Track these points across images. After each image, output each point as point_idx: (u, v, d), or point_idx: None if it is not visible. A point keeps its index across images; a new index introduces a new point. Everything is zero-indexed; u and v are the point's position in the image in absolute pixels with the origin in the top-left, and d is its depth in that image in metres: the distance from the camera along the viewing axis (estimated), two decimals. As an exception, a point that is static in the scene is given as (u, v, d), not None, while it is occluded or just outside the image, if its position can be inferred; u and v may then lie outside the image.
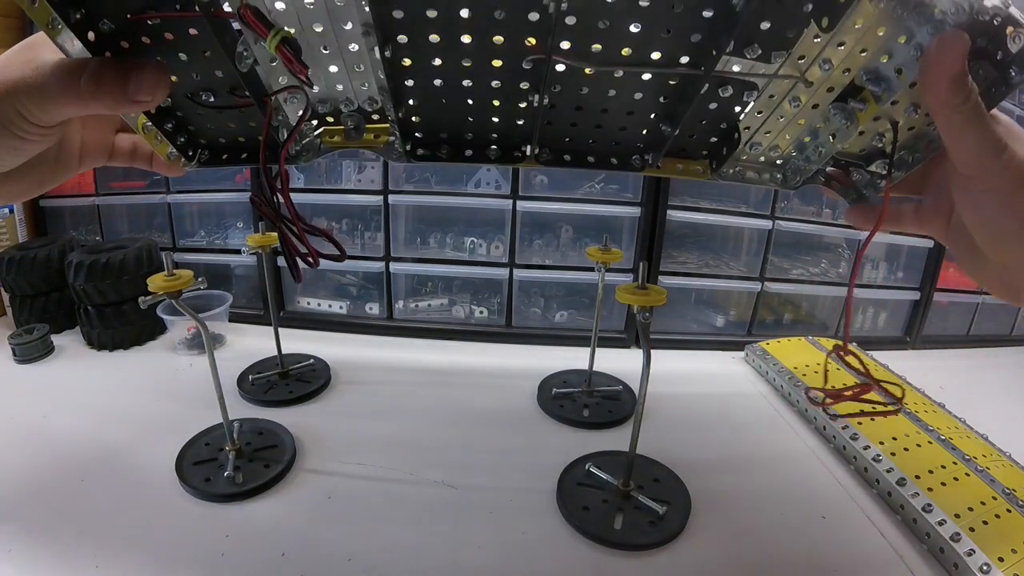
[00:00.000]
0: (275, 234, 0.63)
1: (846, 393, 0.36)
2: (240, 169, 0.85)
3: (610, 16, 0.29)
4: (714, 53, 0.30)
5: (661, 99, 0.34)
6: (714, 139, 0.38)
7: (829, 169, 0.40)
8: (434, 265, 0.86)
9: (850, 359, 0.36)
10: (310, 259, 0.33)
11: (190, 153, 0.37)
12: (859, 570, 0.46)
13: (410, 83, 0.33)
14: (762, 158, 0.39)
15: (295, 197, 0.39)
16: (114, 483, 0.51)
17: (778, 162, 0.39)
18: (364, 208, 0.85)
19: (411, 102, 0.35)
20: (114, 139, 0.39)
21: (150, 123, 0.35)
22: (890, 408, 0.36)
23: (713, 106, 0.35)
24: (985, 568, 0.42)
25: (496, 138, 0.37)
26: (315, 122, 0.38)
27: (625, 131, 0.37)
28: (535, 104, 0.33)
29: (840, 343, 0.36)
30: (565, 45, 0.30)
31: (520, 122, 0.36)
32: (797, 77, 0.33)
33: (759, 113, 0.36)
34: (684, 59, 0.31)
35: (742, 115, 0.36)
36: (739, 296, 0.89)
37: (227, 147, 0.38)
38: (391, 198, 0.82)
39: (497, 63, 0.32)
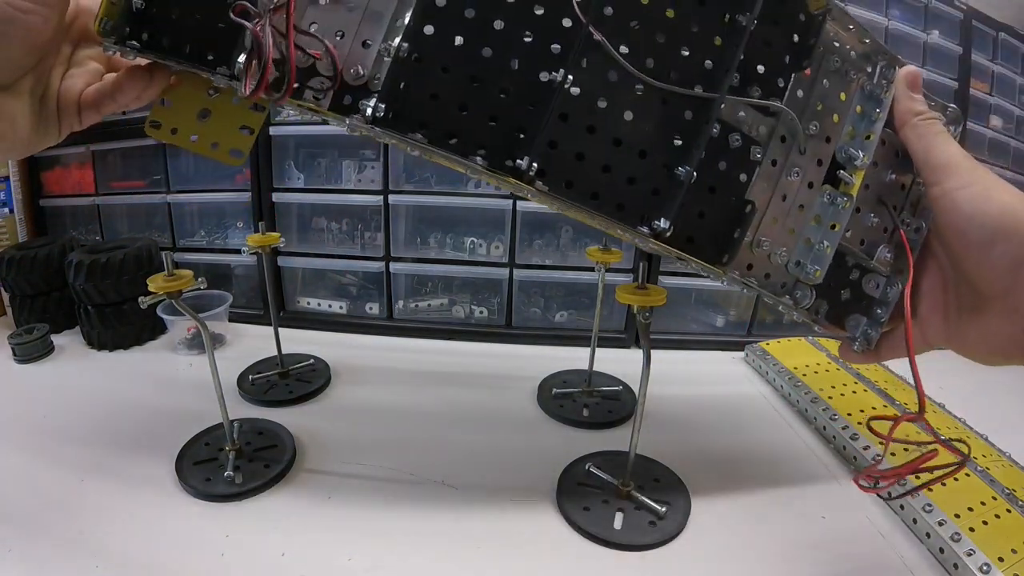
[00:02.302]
0: (275, 234, 0.64)
1: (906, 466, 0.36)
2: (240, 169, 0.85)
3: (641, 17, 0.32)
4: (723, 75, 0.33)
5: (675, 140, 0.34)
6: (722, 223, 0.36)
7: (826, 328, 0.40)
8: (434, 265, 0.86)
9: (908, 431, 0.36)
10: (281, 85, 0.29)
11: (127, 31, 0.33)
12: (859, 570, 0.46)
13: (430, 30, 0.32)
14: (768, 271, 0.38)
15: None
16: (114, 483, 0.51)
17: (786, 276, 0.38)
18: (364, 208, 0.85)
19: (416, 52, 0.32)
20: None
21: None
22: (954, 467, 0.35)
23: (723, 165, 0.35)
24: (985, 568, 0.42)
25: (493, 128, 0.33)
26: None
27: (635, 185, 0.34)
28: (556, 81, 0.32)
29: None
30: (597, 37, 0.32)
31: (531, 108, 0.33)
32: (792, 118, 0.35)
33: (763, 185, 0.36)
34: (698, 88, 0.34)
35: (750, 189, 0.36)
36: (739, 296, 0.89)
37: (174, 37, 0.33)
38: (391, 198, 0.82)
39: (539, 10, 0.32)
